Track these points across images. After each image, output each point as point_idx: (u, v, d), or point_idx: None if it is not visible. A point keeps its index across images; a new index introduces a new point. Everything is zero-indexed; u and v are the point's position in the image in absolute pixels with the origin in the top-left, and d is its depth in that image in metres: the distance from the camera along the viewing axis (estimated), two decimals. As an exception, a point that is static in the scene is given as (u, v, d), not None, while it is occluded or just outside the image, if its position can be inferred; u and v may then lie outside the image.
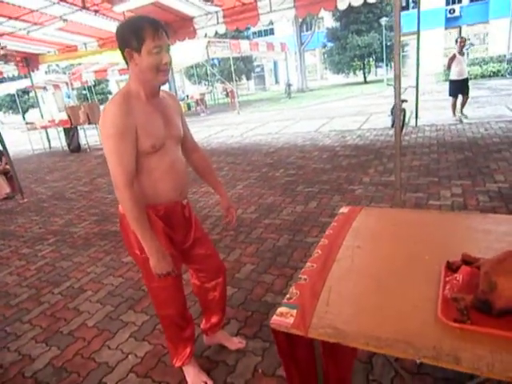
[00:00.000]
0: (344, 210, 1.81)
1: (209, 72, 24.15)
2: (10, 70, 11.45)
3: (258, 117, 14.52)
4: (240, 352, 2.06)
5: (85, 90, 25.76)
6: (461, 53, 7.61)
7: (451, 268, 1.17)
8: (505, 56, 19.71)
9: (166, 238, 1.57)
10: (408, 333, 0.96)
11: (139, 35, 1.32)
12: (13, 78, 15.17)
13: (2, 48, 8.59)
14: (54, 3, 7.08)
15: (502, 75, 17.64)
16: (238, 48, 16.29)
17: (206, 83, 26.87)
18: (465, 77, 7.77)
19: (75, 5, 7.22)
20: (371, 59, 25.32)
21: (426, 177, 4.57)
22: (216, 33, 8.55)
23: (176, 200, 1.58)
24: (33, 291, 3.05)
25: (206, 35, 8.93)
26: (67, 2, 7.13)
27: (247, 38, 27.47)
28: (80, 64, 15.26)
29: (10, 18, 7.53)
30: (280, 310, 1.12)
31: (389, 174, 4.89)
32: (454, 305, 0.99)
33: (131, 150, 1.37)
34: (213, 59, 24.21)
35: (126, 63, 1.40)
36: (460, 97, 7.90)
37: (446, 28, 26.48)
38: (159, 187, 1.50)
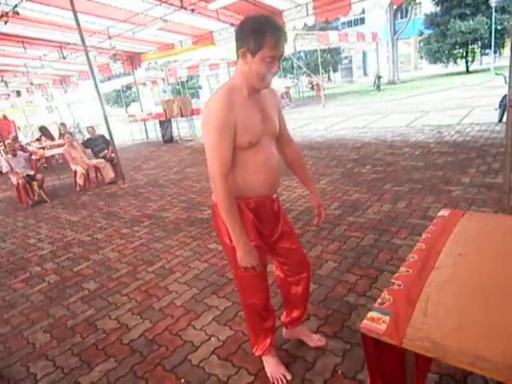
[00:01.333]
0: (444, 212, 1.65)
1: (295, 65, 24.04)
2: (117, 68, 12.78)
3: (344, 110, 14.07)
4: (319, 350, 2.03)
5: (178, 85, 27.59)
6: None
7: None
8: None
9: (255, 230, 1.61)
10: (525, 358, 0.84)
11: (259, 41, 1.33)
12: (118, 75, 16.92)
13: (112, 48, 9.59)
14: (156, 5, 7.68)
15: None
16: (326, 39, 15.92)
17: (292, 76, 26.79)
18: None
19: (174, 5, 7.74)
20: (476, 46, 22.72)
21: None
22: (305, 25, 8.46)
23: (267, 194, 1.60)
24: (130, 268, 3.38)
25: (294, 28, 8.90)
26: (167, 3, 7.67)
27: (336, 28, 26.67)
28: (175, 61, 16.37)
29: (120, 21, 8.36)
30: (371, 314, 1.06)
31: (494, 174, 4.35)
32: None
33: (230, 144, 1.42)
34: (299, 52, 24.02)
35: (237, 57, 1.44)
36: None
37: None
38: (252, 181, 1.53)
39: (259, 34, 1.32)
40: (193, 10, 7.95)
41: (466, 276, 1.20)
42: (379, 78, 21.42)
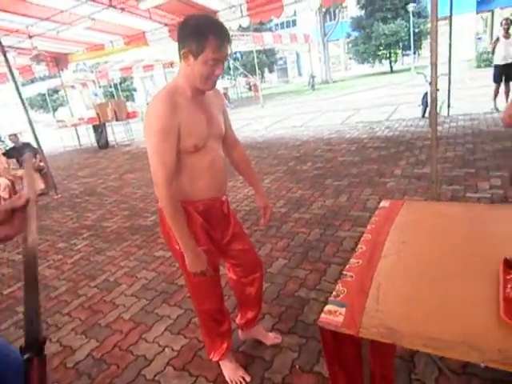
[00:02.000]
0: (385, 203, 1.74)
1: (231, 66, 24.13)
2: (41, 70, 11.82)
3: (282, 110, 14.40)
4: (276, 347, 2.04)
5: (111, 87, 26.32)
6: (506, 35, 7.13)
7: (510, 265, 1.10)
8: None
9: (205, 234, 1.57)
10: (469, 335, 0.91)
11: (201, 43, 1.29)
12: (43, 78, 15.70)
13: (33, 49, 8.86)
14: (82, 2, 7.22)
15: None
16: (261, 40, 16.18)
17: (229, 77, 26.85)
18: (509, 61, 7.26)
19: (102, 3, 7.34)
20: (398, 48, 24.56)
21: (462, 168, 4.38)
22: (240, 26, 8.51)
23: (215, 196, 1.57)
24: (70, 284, 3.14)
25: (229, 28, 8.90)
26: (95, 1, 7.25)
27: (269, 30, 27.22)
28: (106, 62, 15.57)
29: (41, 19, 7.74)
30: (328, 307, 1.08)
31: (421, 165, 4.73)
32: (518, 305, 0.93)
33: (173, 148, 1.36)
34: (235, 53, 24.16)
35: (180, 58, 1.38)
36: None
37: (477, 12, 25.29)
38: (199, 185, 1.49)
39: (201, 35, 1.28)
40: (123, 9, 7.61)
41: (410, 262, 1.27)
42: (313, 77, 22.25)
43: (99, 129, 11.79)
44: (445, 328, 0.94)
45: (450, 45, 7.30)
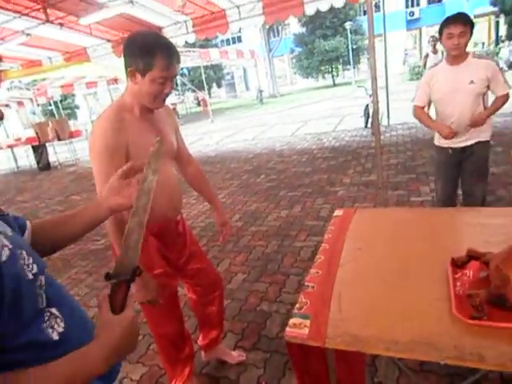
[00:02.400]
0: (338, 212, 1.80)
1: (179, 82, 23.98)
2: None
3: (232, 124, 14.51)
4: (241, 365, 2.00)
5: (50, 105, 24.98)
6: (434, 51, 7.76)
7: (457, 264, 1.17)
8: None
9: (160, 256, 1.51)
10: (427, 334, 0.95)
11: (149, 61, 1.25)
12: (-27, 97, 14.53)
13: (-40, 66, 8.20)
14: (14, 17, 6.84)
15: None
16: (207, 56, 16.27)
17: (177, 93, 26.65)
18: None
19: (38, 18, 7.01)
20: (338, 63, 25.90)
21: (404, 174, 4.67)
22: (186, 42, 8.50)
23: (170, 217, 1.52)
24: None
25: (175, 44, 8.87)
26: (30, 16, 6.91)
27: (216, 46, 27.52)
28: (44, 79, 14.79)
29: (-31, 34, 7.21)
30: (292, 320, 1.08)
31: (368, 173, 4.96)
32: (467, 301, 0.99)
33: (119, 168, 1.29)
34: (182, 68, 24.07)
35: (126, 75, 1.33)
36: None
37: (407, 30, 27.52)
38: (153, 205, 1.43)
39: (149, 54, 1.24)
40: (61, 25, 7.30)
41: (368, 268, 1.31)
42: (261, 92, 22.72)
43: (39, 149, 11.08)
44: (405, 330, 0.97)
45: (386, 60, 7.83)
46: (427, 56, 7.91)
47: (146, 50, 1.25)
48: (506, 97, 2.41)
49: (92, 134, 1.30)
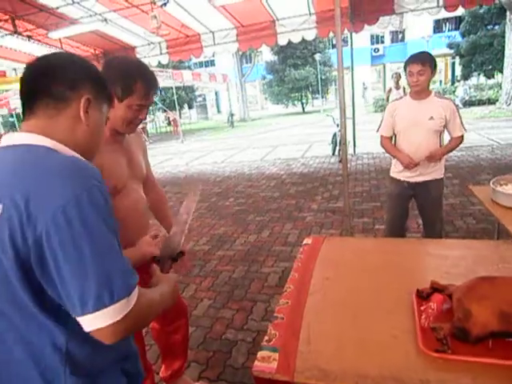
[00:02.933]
0: (308, 240, 1.81)
1: (150, 100, 23.81)
2: None
3: (203, 146, 14.51)
4: (204, 398, 1.92)
5: (12, 117, 23.96)
6: (397, 87, 8.19)
7: (421, 296, 1.20)
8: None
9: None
10: (393, 367, 0.96)
11: (128, 88, 1.24)
12: None
13: None
14: (-20, 26, 6.62)
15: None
16: (180, 78, 16.38)
17: (148, 112, 26.43)
18: None
19: (5, 29, 6.81)
20: (308, 91, 26.86)
21: (369, 202, 4.82)
22: (159, 62, 8.53)
23: (136, 240, 1.47)
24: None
25: (149, 64, 8.86)
26: (-4, 26, 6.70)
27: (189, 67, 27.77)
28: (7, 90, 14.24)
29: None
30: (260, 353, 1.06)
31: (335, 200, 5.08)
32: (432, 334, 1.01)
33: None
34: (154, 88, 23.98)
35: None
36: None
37: (372, 65, 29.19)
38: (121, 228, 1.38)
39: (129, 80, 1.24)
40: (30, 37, 7.13)
41: (335, 298, 1.32)
42: (232, 115, 23.03)
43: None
44: (372, 363, 0.98)
45: (353, 91, 8.22)
46: (390, 91, 8.36)
47: (127, 77, 1.24)
48: (461, 138, 2.58)
49: None
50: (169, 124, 23.95)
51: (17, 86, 12.16)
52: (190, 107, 31.85)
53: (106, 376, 0.82)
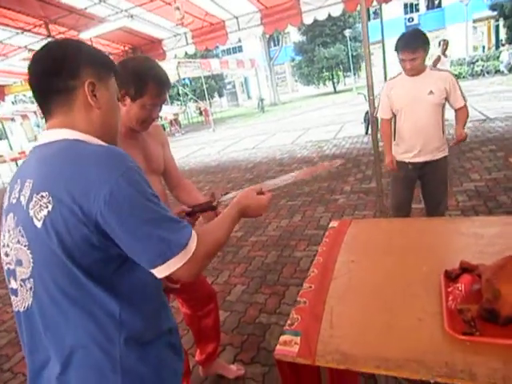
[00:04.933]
0: (334, 224, 1.78)
1: (181, 92, 24.18)
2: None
3: (234, 133, 14.57)
4: (239, 380, 1.98)
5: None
6: (444, 55, 7.73)
7: (450, 277, 1.16)
8: (464, 59, 20.65)
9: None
10: (417, 350, 0.93)
11: (141, 88, 1.28)
12: (-22, 111, 14.74)
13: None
14: (17, 33, 6.96)
15: (463, 77, 18.45)
16: (208, 67, 16.43)
17: (179, 103, 26.86)
18: None
19: (40, 34, 7.12)
20: (339, 70, 26.03)
21: (405, 181, 4.63)
22: (186, 53, 8.59)
23: None
24: (12, 335, 2.86)
25: (175, 56, 8.95)
26: (32, 32, 7.02)
27: (217, 56, 27.77)
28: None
29: (-28, 50, 7.35)
30: (283, 338, 1.07)
31: (369, 180, 4.94)
32: (460, 316, 0.97)
33: None
34: (184, 79, 24.29)
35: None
36: None
37: (407, 35, 27.62)
38: None
39: (141, 81, 1.27)
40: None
41: (360, 282, 1.30)
42: (262, 100, 22.86)
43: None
44: (395, 347, 0.96)
45: (385, 66, 7.86)
46: (439, 59, 7.75)
47: (139, 78, 1.28)
48: (465, 108, 2.46)
49: None
50: (200, 114, 24.21)
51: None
52: (220, 95, 31.98)
53: (156, 347, 0.88)
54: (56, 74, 0.83)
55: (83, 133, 0.85)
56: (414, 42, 2.29)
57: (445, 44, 7.69)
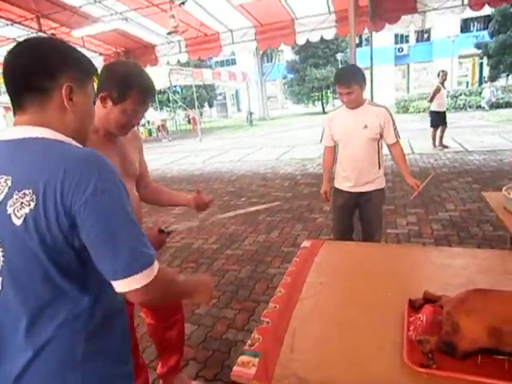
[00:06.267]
0: (306, 244, 1.78)
1: (171, 98, 24.15)
2: None
3: (220, 144, 14.58)
4: (199, 397, 1.92)
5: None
6: (443, 86, 7.90)
7: (414, 306, 1.16)
8: (449, 92, 21.36)
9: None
10: (375, 380, 0.92)
11: (124, 93, 1.26)
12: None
13: None
14: (7, 24, 6.85)
15: (446, 109, 19.00)
16: (200, 76, 16.51)
17: (168, 109, 26.79)
18: (445, 109, 8.21)
19: (31, 27, 7.03)
20: (328, 91, 26.56)
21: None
22: (178, 61, 8.61)
23: None
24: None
25: (168, 63, 8.97)
26: (22, 25, 6.92)
27: (210, 66, 27.96)
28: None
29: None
30: (241, 358, 1.04)
31: (348, 202, 4.99)
32: (419, 347, 0.97)
33: None
34: (175, 86, 24.32)
35: (95, 94, 1.31)
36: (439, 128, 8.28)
37: (395, 64, 28.57)
38: None
39: (126, 86, 1.26)
40: (54, 35, 7.33)
41: (326, 304, 1.29)
42: (251, 114, 23.04)
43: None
44: (352, 375, 0.94)
45: (372, 92, 8.06)
46: (439, 90, 7.84)
47: (124, 82, 1.26)
48: (398, 146, 2.57)
49: None
50: (189, 122, 24.18)
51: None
52: (211, 105, 32.08)
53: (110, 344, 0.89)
54: (34, 73, 0.82)
55: (57, 133, 0.83)
56: (349, 77, 2.39)
57: (444, 75, 7.88)
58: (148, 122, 21.08)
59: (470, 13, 6.32)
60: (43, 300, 0.78)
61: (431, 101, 8.16)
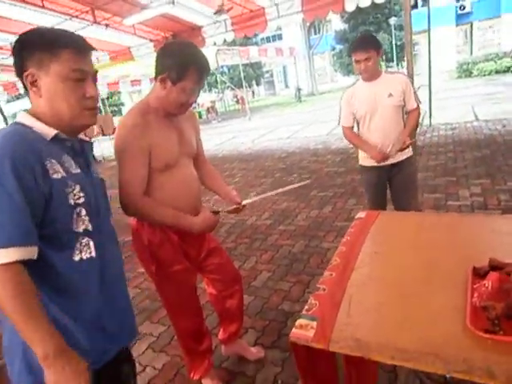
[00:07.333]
0: (361, 214, 1.76)
1: (219, 79, 24.34)
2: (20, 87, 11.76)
3: (269, 122, 14.51)
4: (259, 362, 2.02)
5: (98, 102, 26.21)
6: None
7: (478, 274, 1.12)
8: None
9: (181, 252, 1.57)
10: (435, 344, 0.91)
11: (182, 73, 1.32)
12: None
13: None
14: (65, 19, 7.26)
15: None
16: (246, 54, 16.38)
17: (217, 90, 27.05)
18: None
19: (86, 20, 7.38)
20: (381, 59, 25.14)
21: (444, 177, 4.46)
22: (224, 40, 8.61)
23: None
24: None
25: (214, 43, 9.00)
26: (79, 18, 7.30)
27: (256, 44, 27.59)
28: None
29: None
30: (299, 321, 1.08)
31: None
32: (483, 314, 0.94)
33: (144, 167, 1.37)
34: (222, 66, 24.41)
35: (155, 77, 1.38)
36: None
37: (457, 25, 26.07)
38: (172, 203, 1.47)
39: (183, 66, 1.31)
40: (107, 26, 7.65)
41: (382, 273, 1.28)
42: (299, 90, 22.55)
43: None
44: (412, 338, 0.94)
45: (430, 56, 7.50)
46: None
47: (182, 62, 1.32)
48: (417, 111, 2.46)
49: (117, 134, 1.37)
50: (237, 102, 24.28)
51: (100, 73, 13.27)
52: (258, 84, 31.85)
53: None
54: (16, 71, 0.95)
55: (38, 117, 0.93)
56: (366, 43, 2.34)
57: None
58: (198, 104, 21.49)
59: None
60: None
61: None
